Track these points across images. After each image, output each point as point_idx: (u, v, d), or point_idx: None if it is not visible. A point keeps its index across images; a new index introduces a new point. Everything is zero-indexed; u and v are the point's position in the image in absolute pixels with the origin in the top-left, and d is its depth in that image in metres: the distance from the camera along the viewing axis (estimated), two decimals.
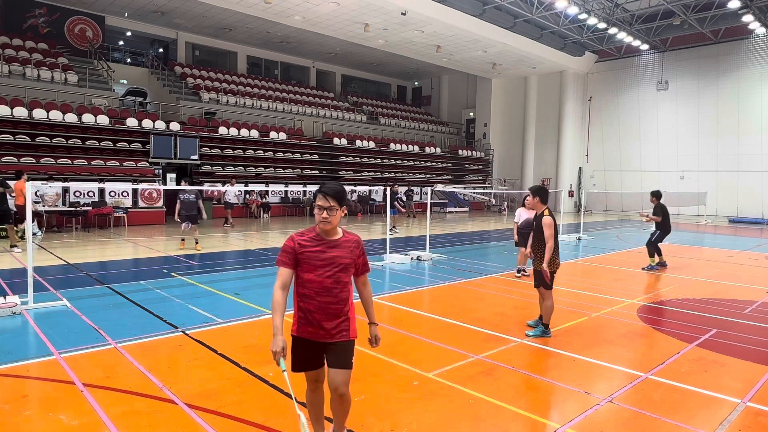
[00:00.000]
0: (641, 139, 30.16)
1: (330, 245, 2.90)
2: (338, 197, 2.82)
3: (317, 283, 2.86)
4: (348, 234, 3.00)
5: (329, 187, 2.84)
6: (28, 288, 6.54)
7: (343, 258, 2.91)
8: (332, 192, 2.81)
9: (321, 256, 2.87)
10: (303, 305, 2.92)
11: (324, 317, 2.89)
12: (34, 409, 3.87)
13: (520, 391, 4.35)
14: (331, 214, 2.82)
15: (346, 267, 2.92)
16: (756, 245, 16.05)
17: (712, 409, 4.13)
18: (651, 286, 9.24)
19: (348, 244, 2.95)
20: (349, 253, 2.94)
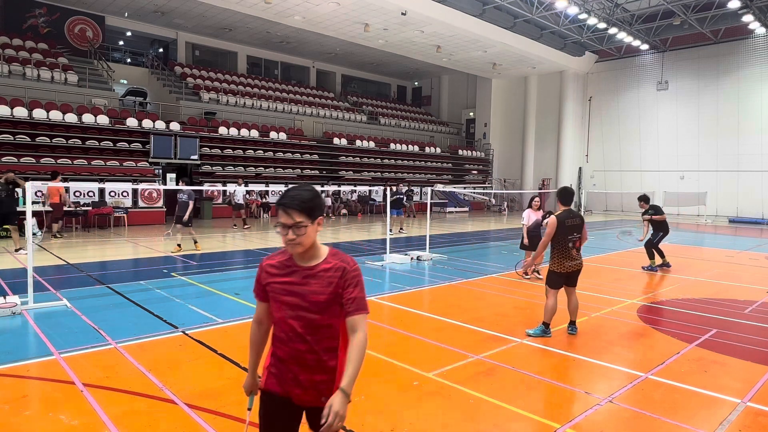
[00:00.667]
0: (641, 139, 30.16)
1: (304, 275, 2.13)
2: (307, 208, 2.05)
3: (286, 326, 2.15)
4: (334, 257, 2.17)
5: (292, 197, 2.06)
6: (28, 288, 6.54)
7: (317, 294, 2.10)
8: (297, 203, 2.04)
9: (289, 289, 2.13)
10: (275, 350, 2.22)
11: (300, 370, 2.15)
12: (34, 409, 3.87)
13: (520, 391, 4.35)
14: (299, 234, 2.05)
15: (323, 307, 2.11)
16: (756, 245, 16.05)
17: (712, 409, 4.13)
18: (651, 286, 9.24)
19: (328, 273, 2.12)
20: (327, 287, 2.10)
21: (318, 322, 2.12)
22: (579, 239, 5.90)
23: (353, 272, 2.15)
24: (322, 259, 2.16)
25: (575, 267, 5.88)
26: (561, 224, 5.79)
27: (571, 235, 5.83)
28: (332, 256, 2.17)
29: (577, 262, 5.91)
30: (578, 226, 5.91)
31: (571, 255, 5.84)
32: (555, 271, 5.86)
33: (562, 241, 5.81)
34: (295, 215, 2.04)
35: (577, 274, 5.96)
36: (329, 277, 2.12)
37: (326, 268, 2.13)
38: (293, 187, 2.13)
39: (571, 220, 5.86)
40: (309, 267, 2.14)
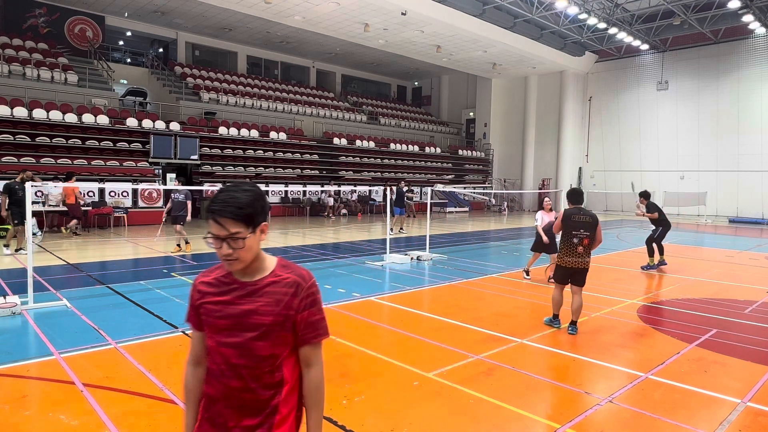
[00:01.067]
0: (641, 139, 30.16)
1: (245, 292, 1.71)
2: (245, 216, 1.63)
3: (219, 356, 1.72)
4: (285, 269, 1.76)
5: (224, 202, 1.63)
6: (28, 288, 6.54)
7: (261, 315, 1.68)
8: (231, 210, 1.62)
9: (225, 310, 1.70)
10: (207, 388, 1.77)
11: (231, 414, 1.70)
12: (34, 409, 3.87)
13: (520, 391, 4.35)
14: (236, 247, 1.63)
15: (267, 331, 1.68)
16: (756, 245, 16.05)
17: (712, 409, 4.13)
18: (651, 286, 9.24)
19: (277, 289, 1.70)
20: (275, 306, 1.69)
21: (259, 351, 1.68)
22: (587, 237, 5.95)
23: (310, 288, 1.74)
24: (268, 272, 1.74)
25: (576, 264, 5.97)
26: (567, 218, 6.05)
27: (576, 230, 5.98)
28: (282, 268, 1.76)
29: (580, 260, 5.98)
30: (587, 224, 5.99)
31: (575, 251, 5.97)
32: (558, 264, 6.17)
33: (567, 236, 6.03)
34: (230, 225, 1.62)
35: (580, 273, 6.03)
36: (278, 293, 1.70)
37: (274, 282, 1.72)
38: (227, 188, 1.68)
39: (578, 216, 6.03)
40: (252, 282, 1.72)
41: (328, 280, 8.98)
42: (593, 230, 5.99)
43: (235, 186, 1.70)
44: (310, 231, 17.69)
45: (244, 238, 1.64)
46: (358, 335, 5.72)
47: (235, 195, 1.65)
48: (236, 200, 1.64)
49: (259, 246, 1.72)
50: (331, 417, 3.74)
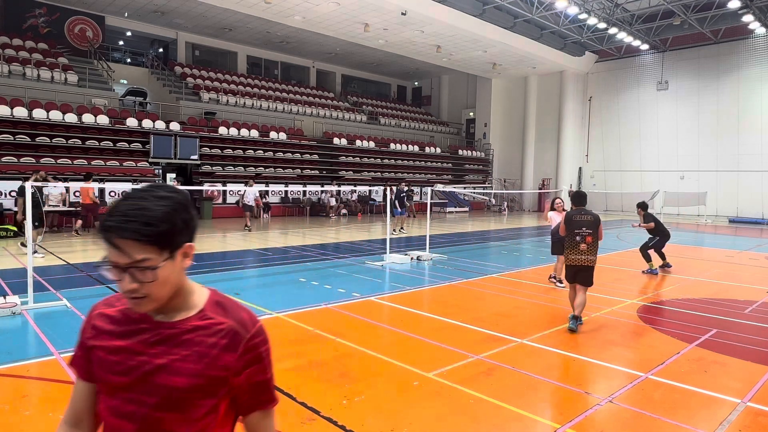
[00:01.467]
0: (641, 139, 30.16)
1: (159, 336, 1.21)
2: (157, 234, 1.13)
3: (110, 429, 1.22)
4: (219, 310, 1.27)
5: (124, 214, 1.12)
6: (28, 288, 6.53)
7: (177, 373, 1.18)
8: (135, 229, 1.11)
9: (125, 362, 1.20)
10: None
11: None
12: (34, 409, 3.87)
13: (520, 391, 4.35)
14: (143, 279, 1.14)
15: (182, 399, 1.18)
16: (756, 245, 16.05)
17: (712, 409, 4.13)
18: (651, 286, 9.24)
19: (203, 338, 1.21)
20: (197, 362, 1.19)
21: (169, 428, 1.17)
22: (589, 235, 6.26)
23: (252, 339, 1.24)
24: (194, 311, 1.24)
25: (580, 261, 6.27)
26: (569, 219, 6.40)
27: (579, 229, 6.29)
28: (215, 306, 1.27)
29: (584, 258, 6.27)
30: (588, 222, 6.31)
31: (578, 249, 6.27)
32: (565, 263, 6.47)
33: (571, 235, 6.34)
34: (134, 249, 1.11)
35: (585, 270, 6.30)
36: (204, 344, 1.20)
37: (200, 327, 1.22)
38: (132, 193, 1.18)
39: (579, 216, 6.36)
40: (169, 323, 1.22)
41: (328, 280, 8.98)
42: (596, 228, 6.29)
43: (145, 191, 1.18)
44: (310, 231, 17.69)
45: (154, 267, 1.13)
46: (358, 335, 5.72)
47: (142, 205, 1.14)
48: (144, 213, 1.12)
49: (181, 276, 1.22)
50: (331, 417, 3.74)
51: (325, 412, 3.83)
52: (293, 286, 8.52)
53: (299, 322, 6.24)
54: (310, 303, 7.20)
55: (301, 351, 5.20)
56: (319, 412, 3.81)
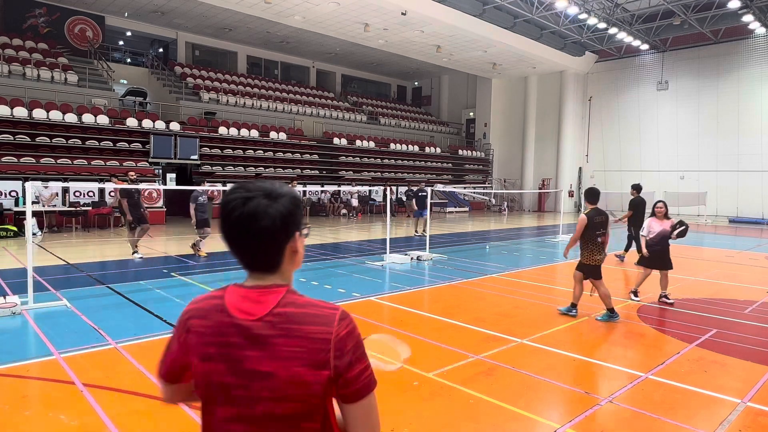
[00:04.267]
0: (641, 139, 30.15)
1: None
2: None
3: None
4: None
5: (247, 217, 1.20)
6: (28, 288, 6.53)
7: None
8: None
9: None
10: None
11: None
12: (34, 409, 3.87)
13: (520, 391, 4.35)
14: None
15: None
16: (756, 245, 16.05)
17: (712, 409, 4.13)
18: (651, 286, 9.23)
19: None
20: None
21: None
22: (605, 234, 6.63)
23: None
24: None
25: (603, 260, 6.68)
26: (590, 221, 6.55)
27: (598, 230, 6.57)
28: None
29: (604, 256, 6.69)
30: (604, 223, 6.65)
31: (600, 249, 6.61)
32: (585, 263, 6.67)
33: (592, 237, 6.55)
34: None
35: (600, 267, 6.75)
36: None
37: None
38: (247, 195, 1.22)
39: (598, 217, 6.61)
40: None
41: (328, 280, 8.97)
42: (607, 227, 6.70)
43: (260, 189, 1.22)
44: (310, 231, 17.66)
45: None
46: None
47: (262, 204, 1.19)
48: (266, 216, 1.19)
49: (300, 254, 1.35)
50: None
51: None
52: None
53: None
54: None
55: None
56: None
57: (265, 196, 1.20)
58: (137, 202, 11.17)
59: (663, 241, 7.64)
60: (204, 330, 1.23)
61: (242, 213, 1.18)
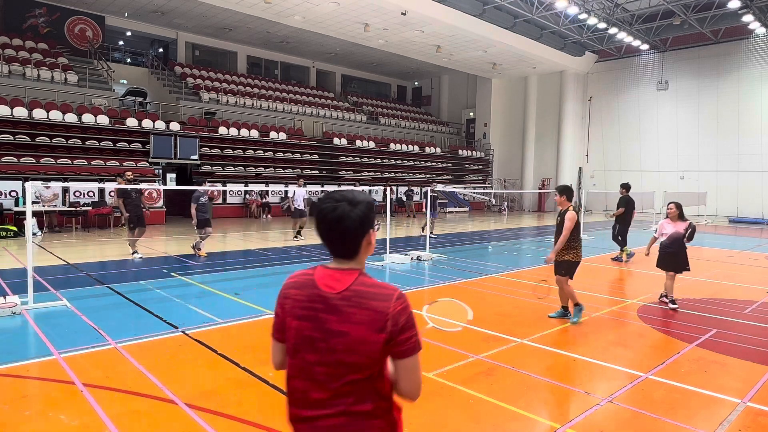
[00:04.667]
0: (641, 139, 30.15)
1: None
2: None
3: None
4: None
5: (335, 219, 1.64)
6: (28, 288, 6.53)
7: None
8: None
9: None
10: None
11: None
12: (34, 409, 3.87)
13: (520, 391, 4.35)
14: None
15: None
16: (756, 245, 16.05)
17: (712, 409, 4.13)
18: (651, 286, 9.23)
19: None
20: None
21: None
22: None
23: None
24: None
25: (580, 257, 6.63)
26: (577, 218, 6.51)
27: (579, 226, 6.61)
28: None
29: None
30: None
31: (581, 245, 6.61)
32: (572, 260, 6.51)
33: (577, 233, 6.50)
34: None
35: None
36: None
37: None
38: (334, 202, 1.64)
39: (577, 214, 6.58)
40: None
41: None
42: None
43: (344, 198, 1.63)
44: (310, 231, 17.68)
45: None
46: None
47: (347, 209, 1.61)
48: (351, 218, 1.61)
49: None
50: None
51: None
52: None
53: None
54: None
55: None
56: None
57: (348, 204, 1.62)
58: (135, 201, 11.16)
59: (676, 243, 7.33)
60: (298, 297, 1.67)
61: (333, 217, 1.61)
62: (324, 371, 1.62)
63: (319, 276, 1.67)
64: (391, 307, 1.59)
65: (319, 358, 1.62)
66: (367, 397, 1.62)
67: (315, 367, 1.63)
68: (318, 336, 1.62)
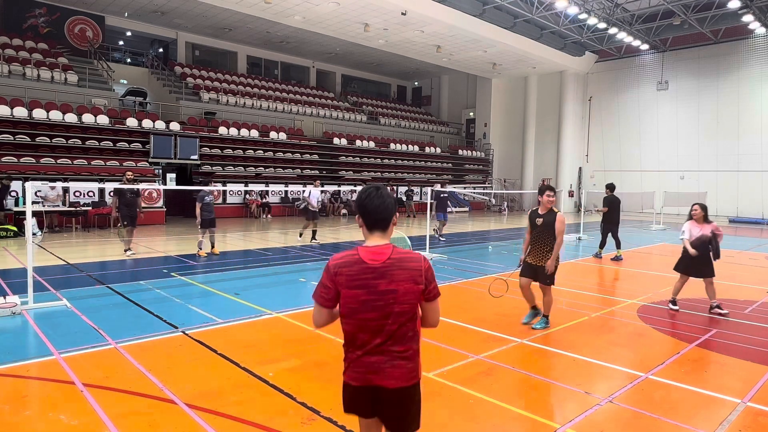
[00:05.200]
0: (641, 139, 30.15)
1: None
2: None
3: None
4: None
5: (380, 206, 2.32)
6: (28, 288, 6.53)
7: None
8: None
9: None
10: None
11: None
12: (34, 409, 3.88)
13: (520, 391, 4.35)
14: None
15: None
16: (756, 245, 16.05)
17: (712, 409, 4.13)
18: (651, 286, 9.23)
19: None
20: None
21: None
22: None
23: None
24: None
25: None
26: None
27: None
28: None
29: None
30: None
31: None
32: (556, 267, 6.11)
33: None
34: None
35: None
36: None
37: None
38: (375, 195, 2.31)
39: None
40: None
41: None
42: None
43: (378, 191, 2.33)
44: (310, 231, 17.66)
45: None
46: None
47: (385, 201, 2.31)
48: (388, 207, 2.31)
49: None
50: (330, 417, 3.74)
51: (325, 412, 3.83)
52: (293, 286, 8.52)
53: (299, 322, 6.24)
54: (311, 303, 7.19)
55: (301, 351, 5.20)
56: (319, 412, 3.81)
57: (387, 197, 2.31)
58: (130, 201, 11.26)
59: (702, 247, 7.00)
60: (350, 273, 2.24)
61: (377, 203, 2.28)
62: (377, 323, 2.24)
63: (363, 254, 2.26)
64: (423, 266, 2.28)
65: (374, 314, 2.23)
66: (405, 340, 2.29)
67: (370, 322, 2.24)
68: (372, 298, 2.23)
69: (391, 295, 2.22)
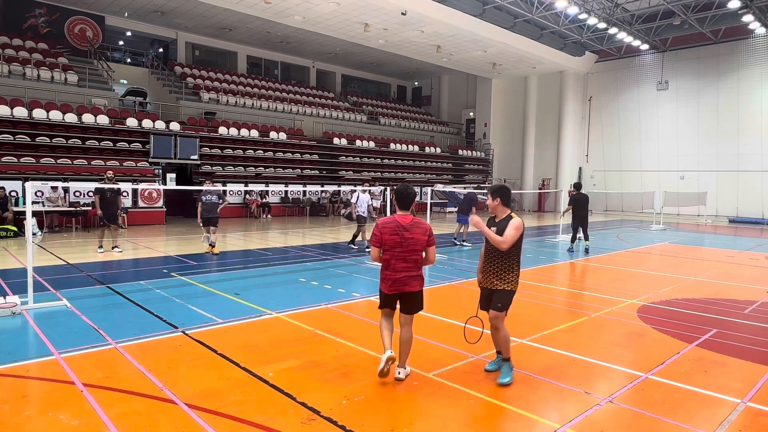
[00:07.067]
0: (641, 139, 30.15)
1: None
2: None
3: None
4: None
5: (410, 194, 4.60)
6: (28, 288, 6.53)
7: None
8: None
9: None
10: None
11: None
12: (34, 409, 3.88)
13: (520, 391, 4.35)
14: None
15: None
16: (756, 245, 16.05)
17: (712, 409, 4.13)
18: (651, 286, 9.23)
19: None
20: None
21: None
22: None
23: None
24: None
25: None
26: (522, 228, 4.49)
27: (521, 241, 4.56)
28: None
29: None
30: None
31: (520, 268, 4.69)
32: (511, 290, 4.56)
33: (519, 250, 4.59)
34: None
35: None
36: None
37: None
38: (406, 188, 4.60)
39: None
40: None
41: (328, 280, 8.97)
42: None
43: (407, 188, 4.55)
44: (310, 231, 17.71)
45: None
46: (358, 335, 5.72)
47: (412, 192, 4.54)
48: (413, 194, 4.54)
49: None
50: (331, 417, 3.75)
51: (325, 412, 3.83)
52: (293, 286, 8.52)
53: (299, 322, 6.24)
54: (310, 303, 7.20)
55: (301, 351, 5.20)
56: (319, 412, 3.82)
57: (412, 190, 4.58)
58: (110, 200, 11.44)
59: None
60: (389, 228, 4.38)
61: (406, 193, 4.54)
62: (404, 255, 4.36)
63: (398, 218, 4.40)
64: (428, 227, 4.44)
65: (402, 249, 4.35)
66: (417, 266, 4.44)
67: (400, 253, 4.35)
68: (401, 240, 4.34)
69: (411, 239, 4.33)
